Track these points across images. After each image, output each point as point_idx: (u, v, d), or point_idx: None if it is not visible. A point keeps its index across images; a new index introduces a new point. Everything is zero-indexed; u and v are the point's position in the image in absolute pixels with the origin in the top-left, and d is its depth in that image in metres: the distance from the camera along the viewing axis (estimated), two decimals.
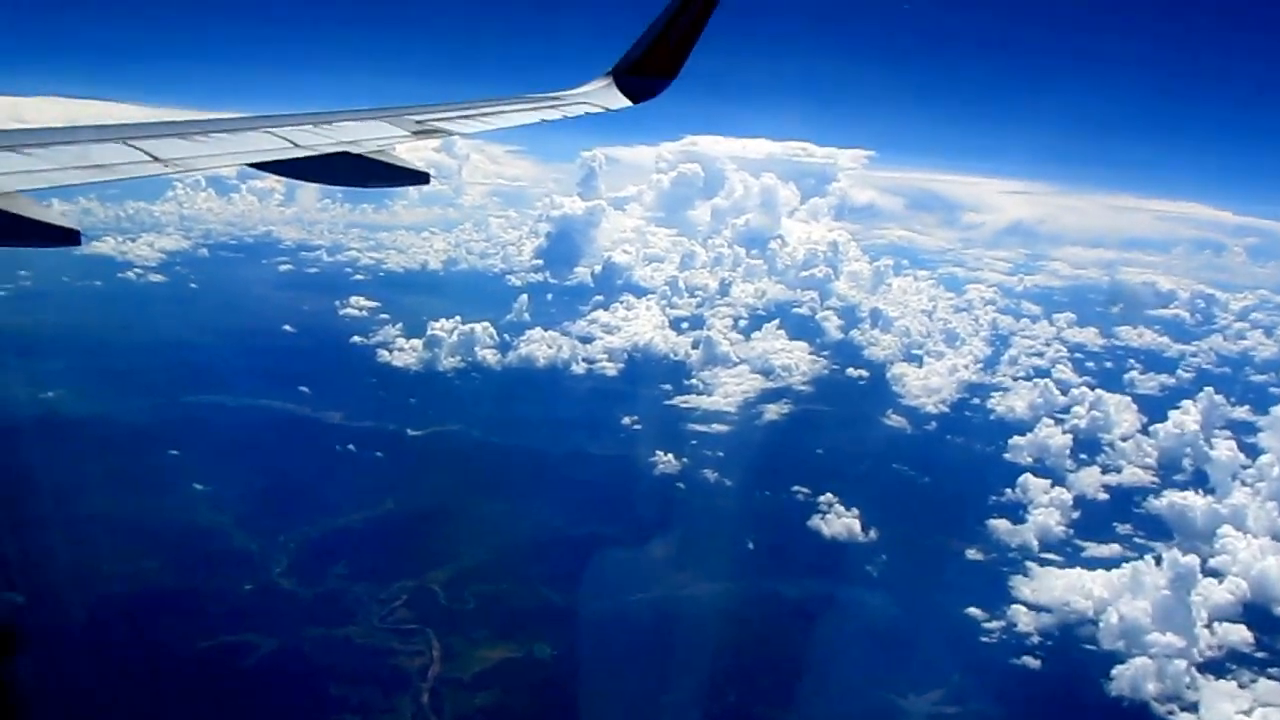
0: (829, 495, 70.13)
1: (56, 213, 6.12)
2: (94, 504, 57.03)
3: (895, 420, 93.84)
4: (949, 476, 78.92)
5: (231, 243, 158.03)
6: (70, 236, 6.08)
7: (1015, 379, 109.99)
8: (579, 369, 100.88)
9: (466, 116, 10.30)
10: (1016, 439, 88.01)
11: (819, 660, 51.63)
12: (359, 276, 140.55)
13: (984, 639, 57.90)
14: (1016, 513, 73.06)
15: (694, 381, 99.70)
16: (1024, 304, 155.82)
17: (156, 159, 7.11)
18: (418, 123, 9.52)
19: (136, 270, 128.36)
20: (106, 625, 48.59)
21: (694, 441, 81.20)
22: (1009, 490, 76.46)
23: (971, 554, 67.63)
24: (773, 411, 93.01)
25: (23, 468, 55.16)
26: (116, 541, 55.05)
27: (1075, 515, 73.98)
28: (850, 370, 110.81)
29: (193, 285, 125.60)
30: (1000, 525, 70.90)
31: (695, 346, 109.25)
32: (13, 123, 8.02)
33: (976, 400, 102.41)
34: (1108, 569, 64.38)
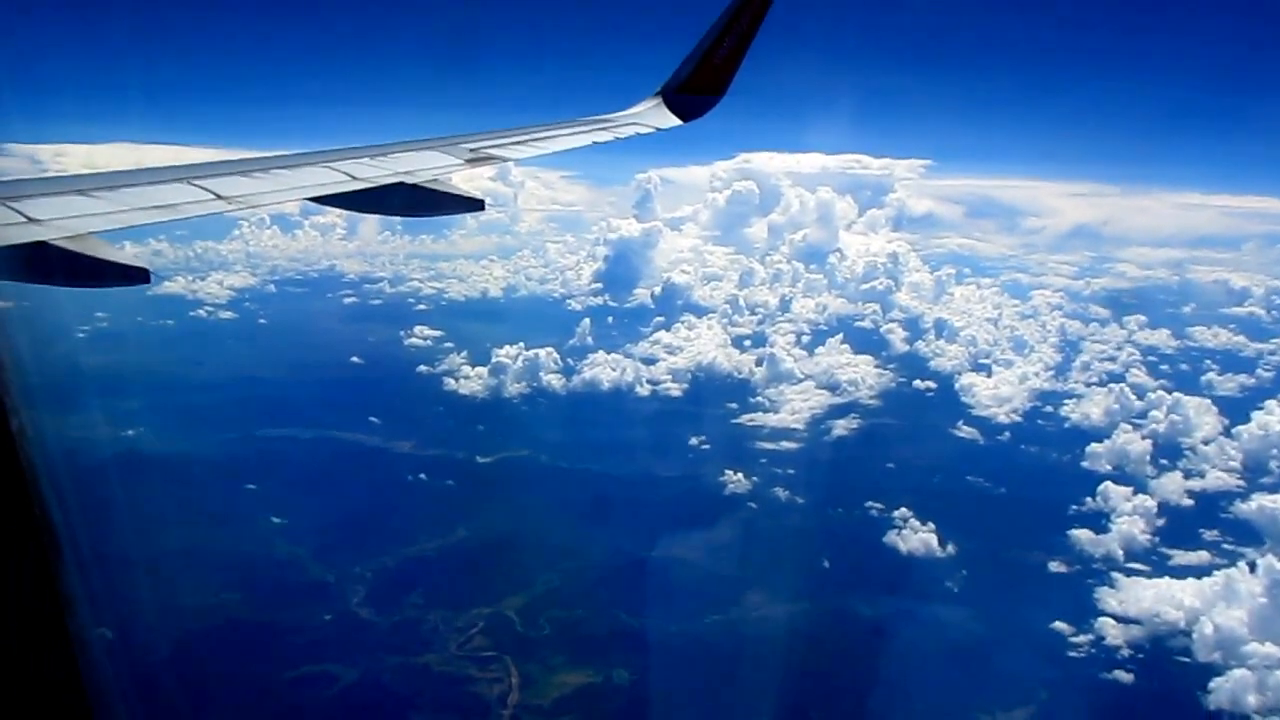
0: (903, 510, 69.05)
1: (127, 253, 6.43)
2: (176, 539, 58.02)
3: (966, 431, 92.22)
4: (1026, 487, 77.20)
5: (297, 278, 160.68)
6: (140, 275, 6.43)
7: (1088, 385, 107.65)
8: (643, 391, 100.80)
9: (519, 142, 10.50)
10: (1094, 446, 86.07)
11: (900, 680, 50.67)
12: (422, 306, 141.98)
13: (1072, 654, 56.41)
14: (1098, 522, 71.30)
15: (760, 399, 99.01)
16: (1092, 308, 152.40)
17: (220, 197, 7.37)
18: (471, 151, 9.75)
19: (207, 308, 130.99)
20: (192, 658, 49.29)
21: (763, 460, 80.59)
22: (1089, 499, 74.74)
23: (1054, 566, 66.06)
24: (841, 427, 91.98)
25: (106, 505, 56.10)
26: (198, 575, 56.00)
27: (1160, 523, 72.00)
28: (917, 382, 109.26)
29: (262, 321, 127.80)
30: (1082, 535, 69.20)
31: (759, 364, 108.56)
32: (85, 170, 8.22)
33: (1049, 408, 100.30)
34: (1198, 578, 62.49)
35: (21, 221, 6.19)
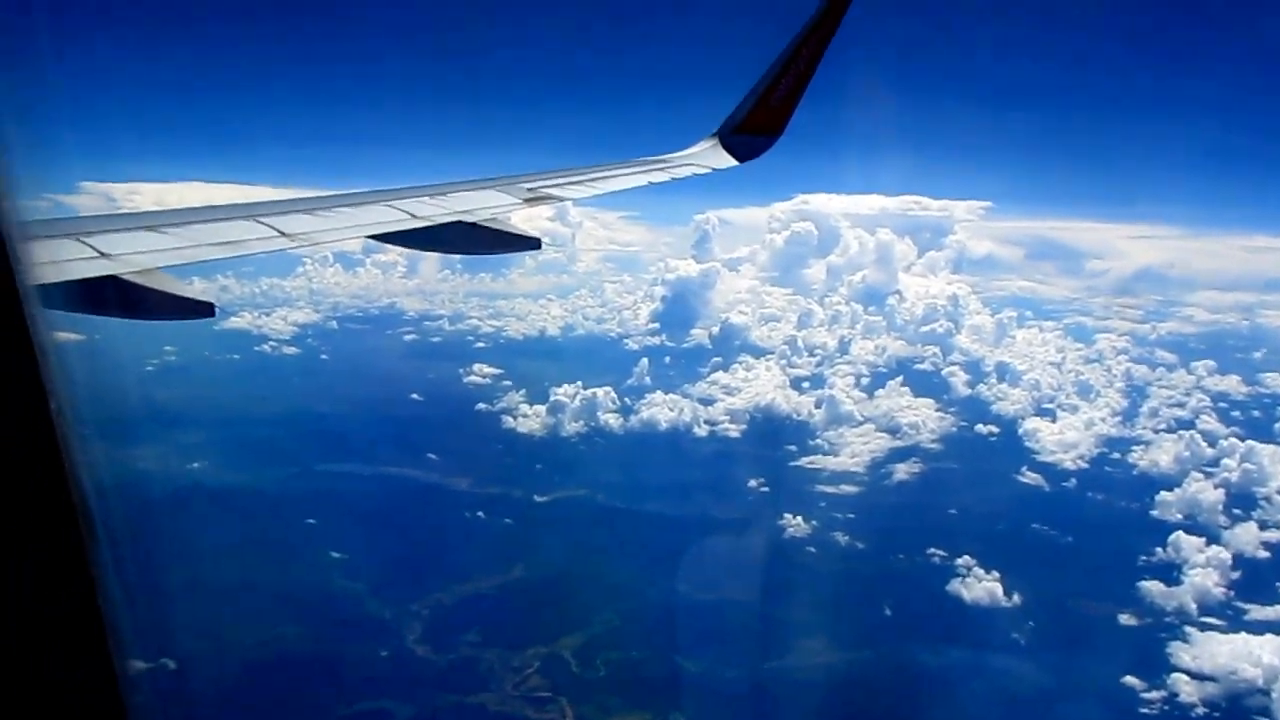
0: (967, 558, 67.54)
1: (194, 288, 6.69)
2: (235, 571, 58.61)
3: (1031, 478, 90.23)
4: (1093, 536, 75.14)
5: (358, 314, 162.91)
6: (205, 309, 6.67)
7: (1157, 431, 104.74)
8: (701, 431, 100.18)
9: (576, 182, 10.59)
10: (1164, 495, 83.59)
11: None
12: (480, 344, 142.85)
13: (1144, 710, 54.61)
14: (1170, 574, 69.06)
15: (819, 442, 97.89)
16: (1159, 353, 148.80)
17: (284, 234, 7.56)
18: (529, 190, 9.84)
19: (271, 343, 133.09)
20: (249, 690, 49.58)
21: (823, 503, 79.41)
22: (1160, 550, 72.47)
23: (1124, 619, 64.04)
24: (902, 471, 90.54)
25: (171, 537, 57.03)
26: (257, 608, 56.46)
27: (1235, 575, 69.53)
28: (980, 426, 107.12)
29: (324, 357, 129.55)
30: (1153, 587, 67.03)
31: (818, 406, 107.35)
32: (157, 207, 8.51)
33: (1116, 455, 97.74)
34: (1276, 633, 60.22)
35: (93, 256, 6.34)
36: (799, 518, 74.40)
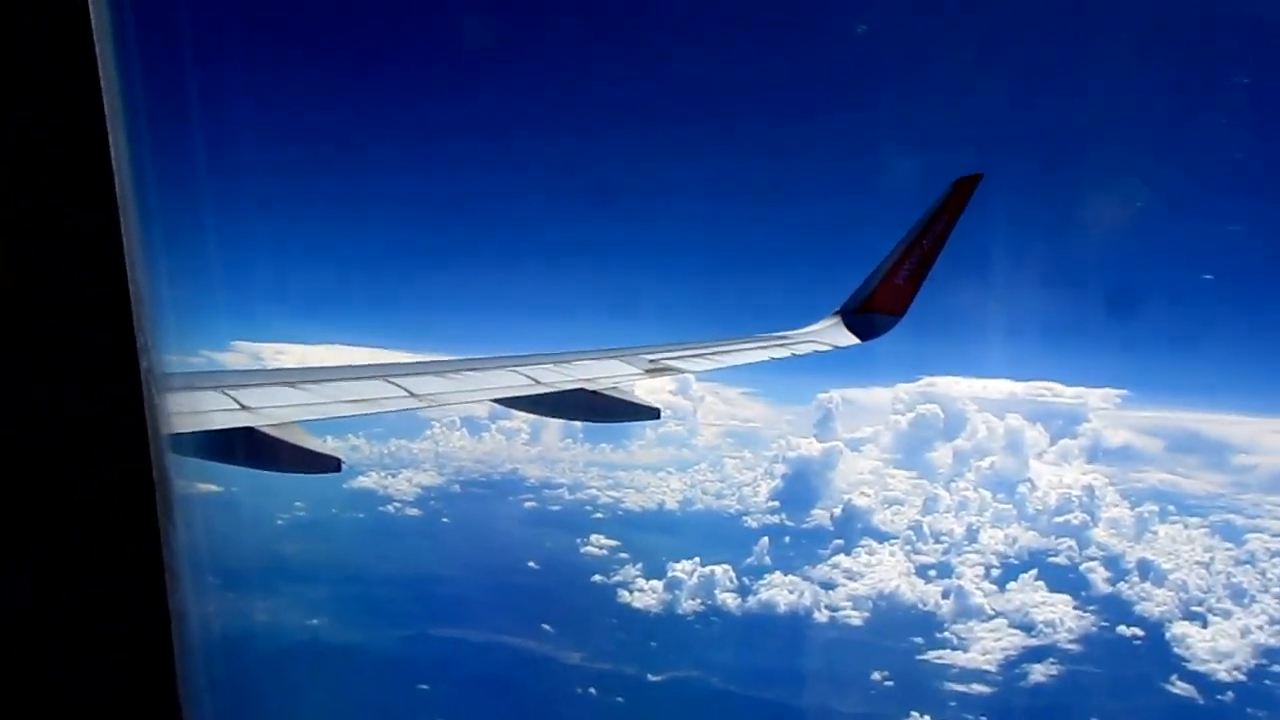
0: None
1: (326, 444, 6.90)
2: None
3: (1182, 688, 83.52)
4: None
5: (481, 479, 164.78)
6: (333, 464, 6.88)
7: None
8: (821, 617, 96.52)
9: (697, 355, 10.71)
10: None
11: None
12: (598, 515, 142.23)
13: None
14: None
15: (947, 635, 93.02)
16: None
17: (412, 394, 7.87)
18: (651, 362, 9.99)
19: (395, 504, 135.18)
20: None
21: (953, 703, 75.04)
22: None
23: None
24: (1039, 672, 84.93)
25: (289, 692, 57.36)
26: None
27: None
28: (1122, 628, 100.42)
29: (445, 520, 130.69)
30: None
31: (945, 596, 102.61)
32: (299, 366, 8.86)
33: (1277, 668, 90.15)
34: None
35: (235, 408, 6.68)
36: (927, 717, 70.24)
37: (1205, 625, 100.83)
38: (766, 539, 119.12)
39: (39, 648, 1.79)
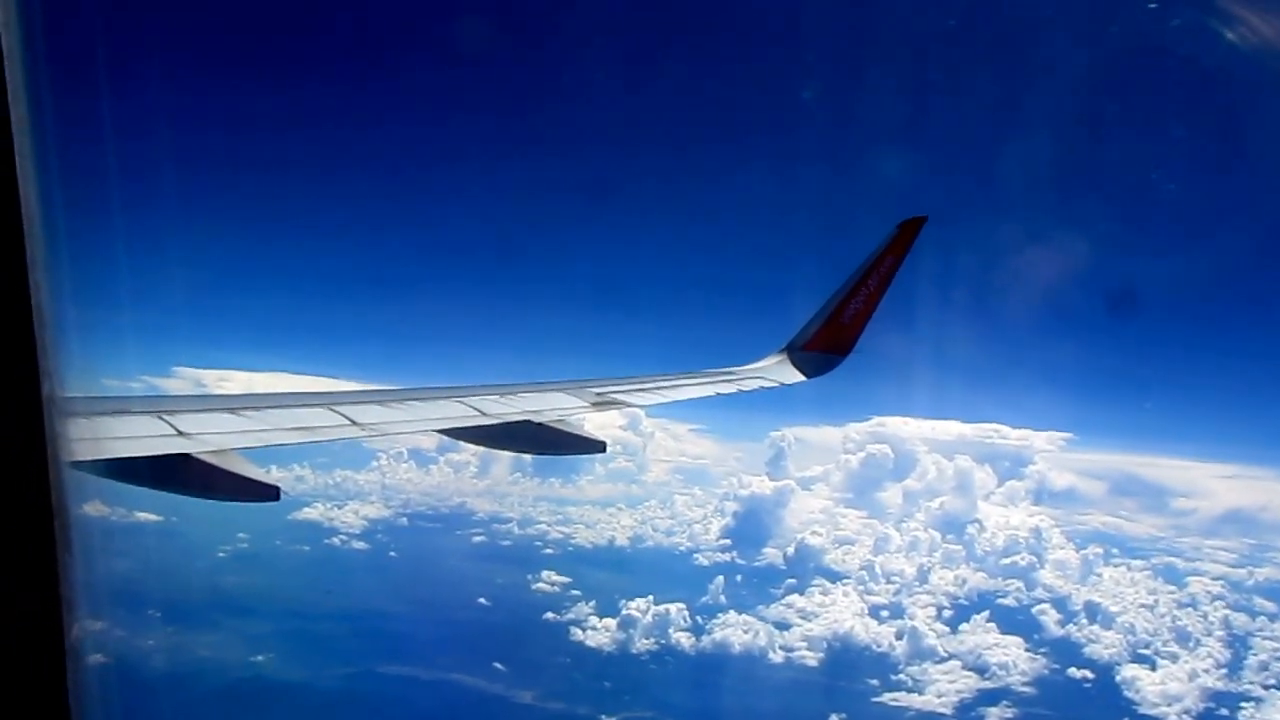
0: None
1: (265, 472, 6.75)
2: None
3: None
4: None
5: (429, 513, 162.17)
6: (271, 492, 6.74)
7: (1267, 688, 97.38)
8: (777, 657, 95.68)
9: (643, 390, 10.76)
10: None
11: None
12: (549, 550, 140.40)
13: None
14: None
15: (902, 677, 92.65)
16: (1257, 600, 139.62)
17: (355, 423, 7.83)
18: (597, 394, 10.03)
19: (341, 536, 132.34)
20: None
21: None
22: None
23: None
24: (994, 716, 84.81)
25: None
26: None
27: None
28: (1072, 670, 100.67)
29: (392, 554, 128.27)
30: None
31: (899, 637, 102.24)
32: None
33: (1224, 711, 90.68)
34: None
35: (171, 434, 6.46)
36: None
37: (1154, 668, 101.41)
38: (721, 578, 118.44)
39: None
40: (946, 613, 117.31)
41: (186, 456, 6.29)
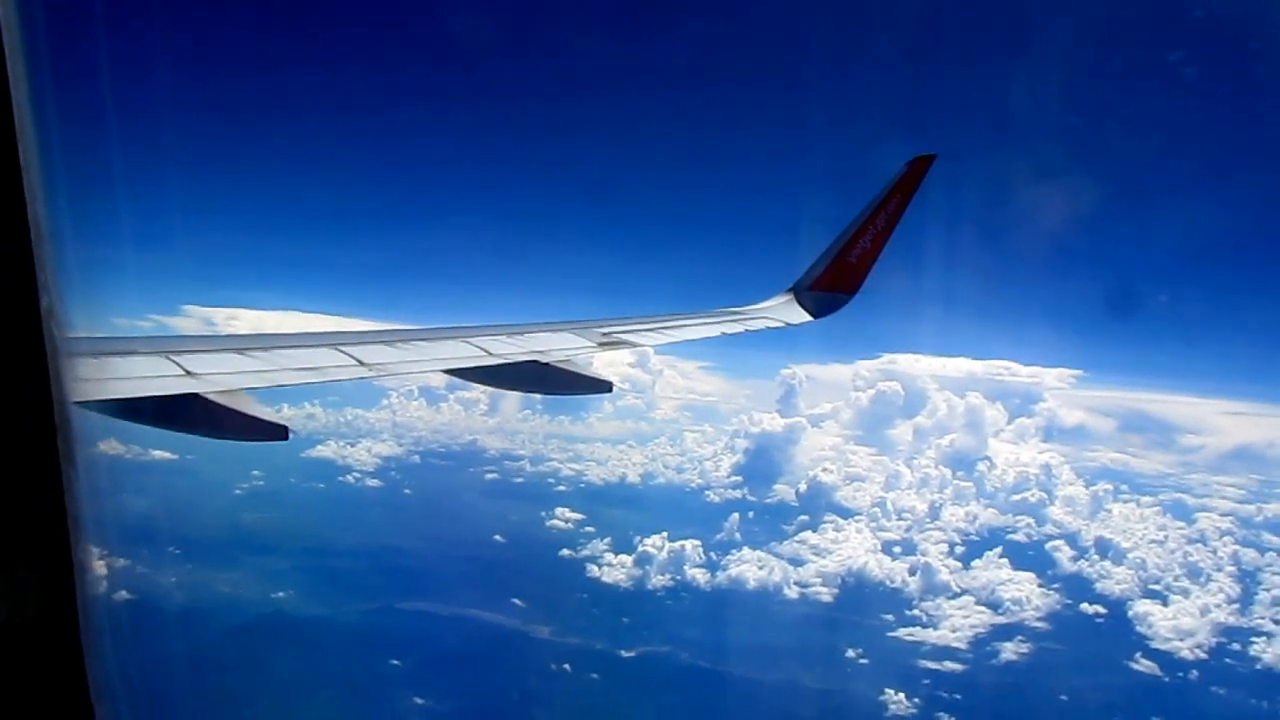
0: None
1: (274, 412, 6.75)
2: (320, 711, 58.18)
3: (1146, 665, 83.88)
4: None
5: (441, 450, 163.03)
6: (280, 432, 6.74)
7: (1278, 622, 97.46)
8: (791, 593, 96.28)
9: (650, 329, 10.80)
10: None
11: None
12: (561, 488, 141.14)
13: None
14: None
15: (916, 612, 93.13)
16: (1265, 535, 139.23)
17: (362, 363, 7.87)
18: (604, 334, 10.05)
19: (355, 474, 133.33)
20: None
21: (926, 680, 75.04)
22: None
23: None
24: (1009, 650, 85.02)
25: (255, 668, 56.77)
26: None
27: None
28: (1085, 605, 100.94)
29: (406, 491, 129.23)
30: None
31: (912, 573, 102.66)
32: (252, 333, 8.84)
33: (1237, 646, 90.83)
34: None
35: (180, 374, 6.45)
36: (901, 694, 70.34)
37: (1166, 604, 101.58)
38: (735, 515, 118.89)
39: None
40: (958, 549, 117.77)
41: (195, 396, 6.34)
